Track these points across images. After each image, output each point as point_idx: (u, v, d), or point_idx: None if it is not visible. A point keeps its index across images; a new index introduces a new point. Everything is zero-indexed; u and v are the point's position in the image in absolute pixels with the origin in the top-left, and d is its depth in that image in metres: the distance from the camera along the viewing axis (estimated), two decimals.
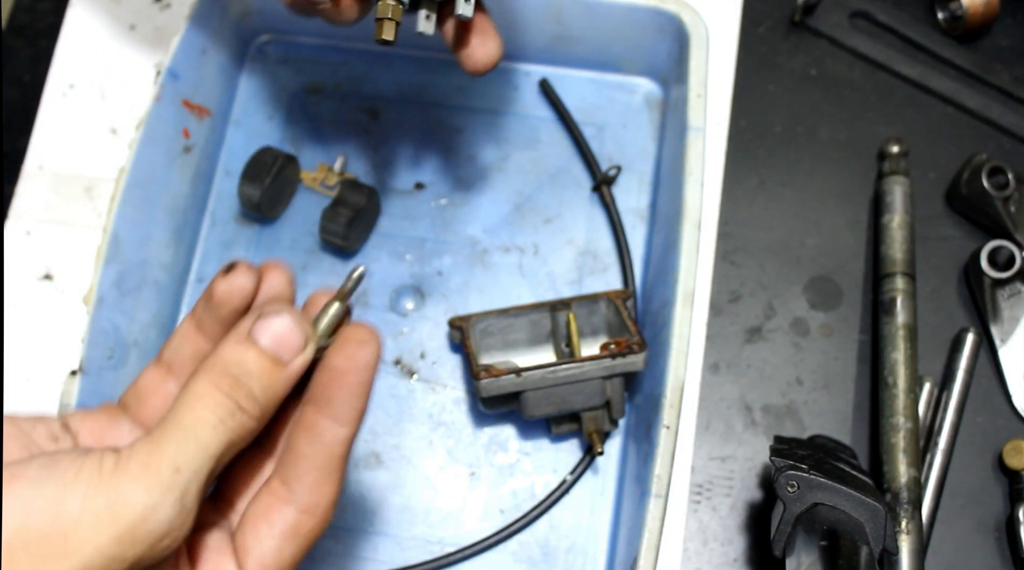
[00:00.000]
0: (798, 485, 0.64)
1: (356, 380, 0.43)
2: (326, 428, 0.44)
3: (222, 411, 0.41)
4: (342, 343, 0.44)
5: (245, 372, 0.42)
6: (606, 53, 0.85)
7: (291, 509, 0.45)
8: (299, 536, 0.46)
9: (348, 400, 0.44)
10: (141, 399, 0.47)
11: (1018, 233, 0.81)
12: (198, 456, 0.40)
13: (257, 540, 0.45)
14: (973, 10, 0.87)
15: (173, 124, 0.79)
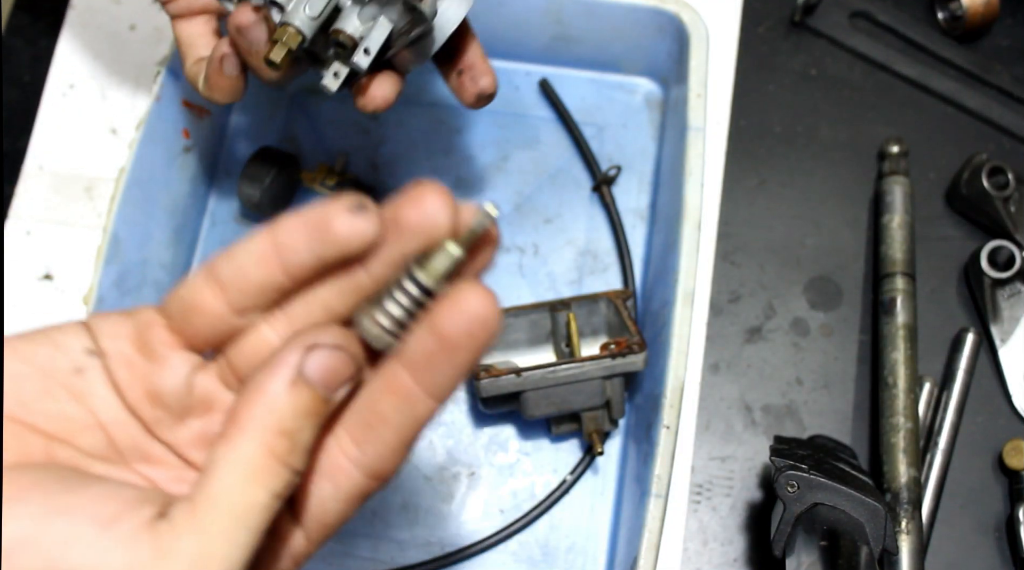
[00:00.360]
0: (798, 485, 0.64)
1: (467, 358, 0.37)
2: (419, 399, 0.38)
3: (279, 485, 0.36)
4: (462, 311, 0.37)
5: (299, 423, 0.37)
6: (606, 53, 0.85)
7: (359, 473, 0.40)
8: (360, 499, 0.41)
9: (451, 376, 0.38)
10: (185, 315, 0.40)
11: (1018, 233, 0.81)
12: (249, 547, 0.36)
13: (320, 500, 0.40)
14: (973, 10, 0.87)
15: (173, 124, 0.79)
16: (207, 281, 0.39)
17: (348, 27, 0.59)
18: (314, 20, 0.58)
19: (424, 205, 0.37)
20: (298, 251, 0.38)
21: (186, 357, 0.41)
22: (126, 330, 0.40)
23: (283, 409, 0.36)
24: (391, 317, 0.39)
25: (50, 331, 0.39)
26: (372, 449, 0.39)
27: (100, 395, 0.39)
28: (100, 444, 0.39)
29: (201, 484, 0.36)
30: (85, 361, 0.39)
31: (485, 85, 0.65)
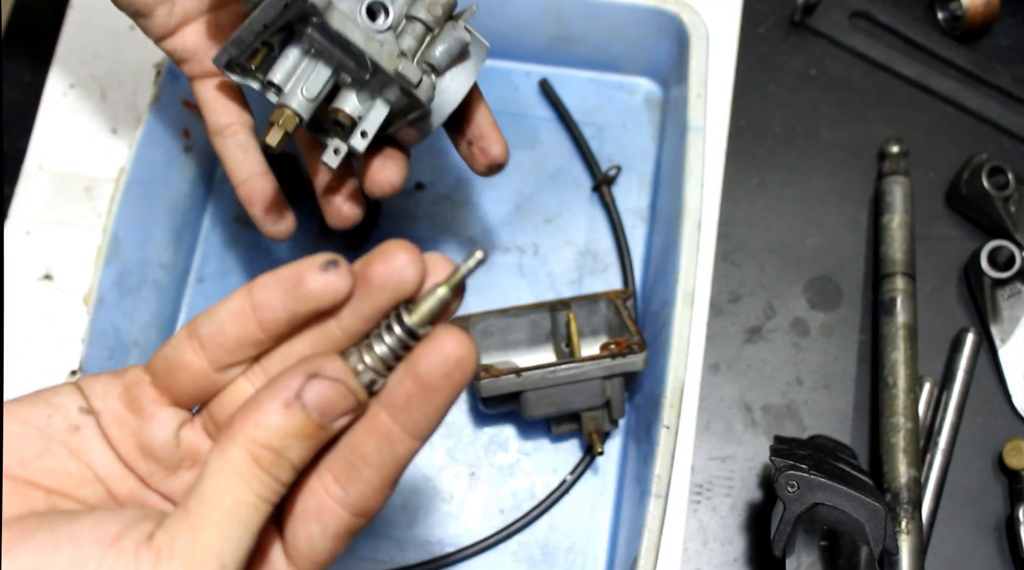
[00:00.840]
0: (798, 485, 0.64)
1: (444, 399, 0.39)
2: (399, 439, 0.40)
3: (265, 490, 0.38)
4: (438, 352, 0.39)
5: (287, 443, 0.38)
6: (606, 53, 0.85)
7: (344, 512, 0.41)
8: (348, 537, 0.43)
9: (430, 416, 0.40)
10: (170, 373, 0.42)
11: (1018, 233, 0.81)
12: (243, 542, 0.37)
13: (309, 540, 0.42)
14: (973, 10, 0.87)
15: (173, 124, 0.79)
16: (188, 340, 0.41)
17: (347, 106, 0.59)
18: (311, 102, 0.57)
19: (393, 262, 0.39)
20: (273, 308, 0.40)
21: (173, 412, 0.43)
22: (115, 389, 0.42)
23: (272, 426, 0.38)
24: (376, 356, 0.40)
25: (45, 393, 0.41)
26: (356, 489, 0.41)
27: (96, 451, 0.41)
28: (100, 496, 0.41)
29: (192, 491, 0.38)
30: (80, 419, 0.41)
31: (496, 155, 0.64)
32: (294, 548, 0.42)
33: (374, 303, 0.40)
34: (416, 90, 0.56)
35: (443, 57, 0.58)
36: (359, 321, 0.40)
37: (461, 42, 0.58)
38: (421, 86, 0.56)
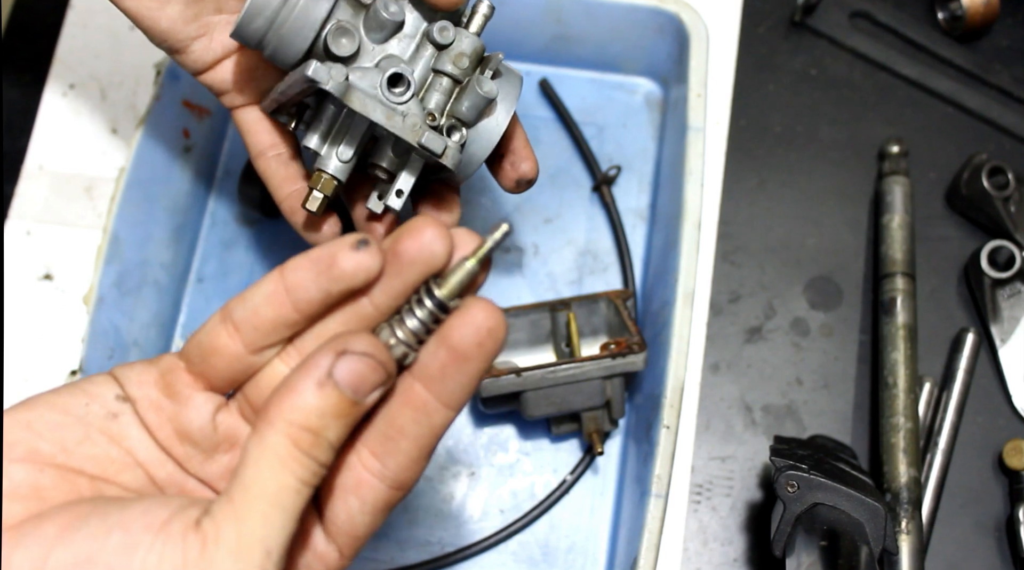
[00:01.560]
0: (798, 485, 0.64)
1: (477, 368, 0.40)
2: (435, 410, 0.41)
3: (306, 473, 0.38)
4: (469, 323, 0.39)
5: (324, 422, 0.38)
6: (606, 53, 0.85)
7: (383, 485, 0.42)
8: (387, 510, 0.44)
9: (464, 385, 0.40)
10: (205, 358, 0.42)
11: (1018, 233, 0.81)
12: (286, 528, 0.38)
13: (349, 515, 0.43)
14: (973, 10, 0.87)
15: (173, 124, 0.79)
16: (223, 324, 0.42)
17: (383, 161, 0.59)
18: (347, 163, 0.58)
19: (422, 237, 0.40)
20: (307, 288, 0.41)
21: (208, 397, 0.43)
22: (151, 376, 0.43)
23: (309, 408, 0.38)
24: (408, 330, 0.41)
25: (81, 383, 0.42)
26: (394, 461, 0.42)
27: (134, 437, 0.42)
28: (141, 481, 0.42)
29: (234, 478, 0.38)
30: (118, 407, 0.42)
31: (525, 170, 0.63)
32: (333, 525, 0.43)
33: (404, 279, 0.40)
34: (441, 158, 0.55)
35: (470, 112, 0.57)
36: (390, 297, 0.41)
37: (486, 98, 0.56)
38: (447, 153, 0.56)
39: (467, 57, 0.56)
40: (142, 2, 0.57)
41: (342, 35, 0.55)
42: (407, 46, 0.57)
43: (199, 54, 0.60)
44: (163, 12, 0.58)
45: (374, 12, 0.56)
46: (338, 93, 0.52)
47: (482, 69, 0.58)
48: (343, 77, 0.53)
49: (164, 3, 0.58)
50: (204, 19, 0.59)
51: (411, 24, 0.57)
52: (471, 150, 0.59)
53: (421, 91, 0.57)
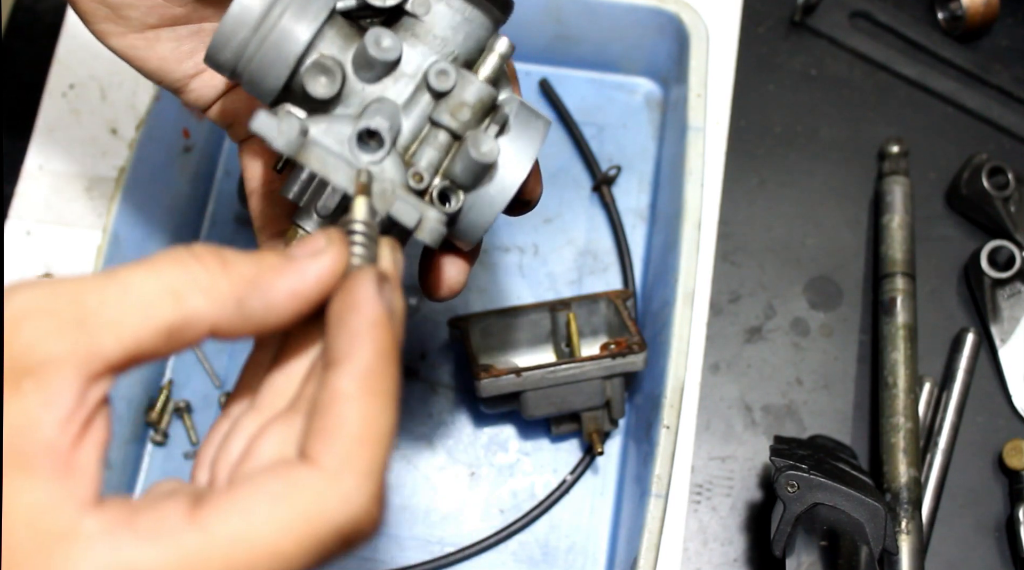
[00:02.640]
0: (798, 485, 0.64)
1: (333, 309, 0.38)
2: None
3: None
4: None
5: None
6: (606, 53, 0.85)
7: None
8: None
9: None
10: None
11: (1018, 233, 0.81)
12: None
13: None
14: (973, 10, 0.87)
15: (173, 124, 0.79)
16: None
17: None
18: (326, 218, 0.50)
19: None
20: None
21: None
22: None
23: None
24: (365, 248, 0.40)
25: None
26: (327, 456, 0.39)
27: None
28: None
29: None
30: None
31: (529, 192, 0.54)
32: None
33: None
34: (416, 233, 0.45)
35: (465, 176, 0.47)
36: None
37: (481, 163, 0.46)
38: (422, 226, 0.45)
39: (469, 108, 0.47)
40: (128, 40, 0.53)
41: (321, 73, 0.46)
42: (404, 87, 0.48)
43: (200, 91, 0.56)
44: (152, 51, 0.53)
45: (362, 48, 0.46)
46: (289, 152, 0.44)
47: (488, 122, 0.48)
48: (295, 132, 0.43)
49: (152, 42, 0.53)
50: (200, 55, 0.54)
51: (412, 61, 0.48)
52: (470, 217, 0.49)
53: (413, 144, 0.48)
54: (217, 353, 0.80)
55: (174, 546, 0.31)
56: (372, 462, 0.35)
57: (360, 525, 0.35)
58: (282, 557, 0.33)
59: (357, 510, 0.34)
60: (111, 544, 0.31)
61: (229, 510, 0.33)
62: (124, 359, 0.34)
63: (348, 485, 0.34)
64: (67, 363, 0.33)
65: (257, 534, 0.32)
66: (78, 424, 0.33)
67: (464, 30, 0.49)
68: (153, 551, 0.31)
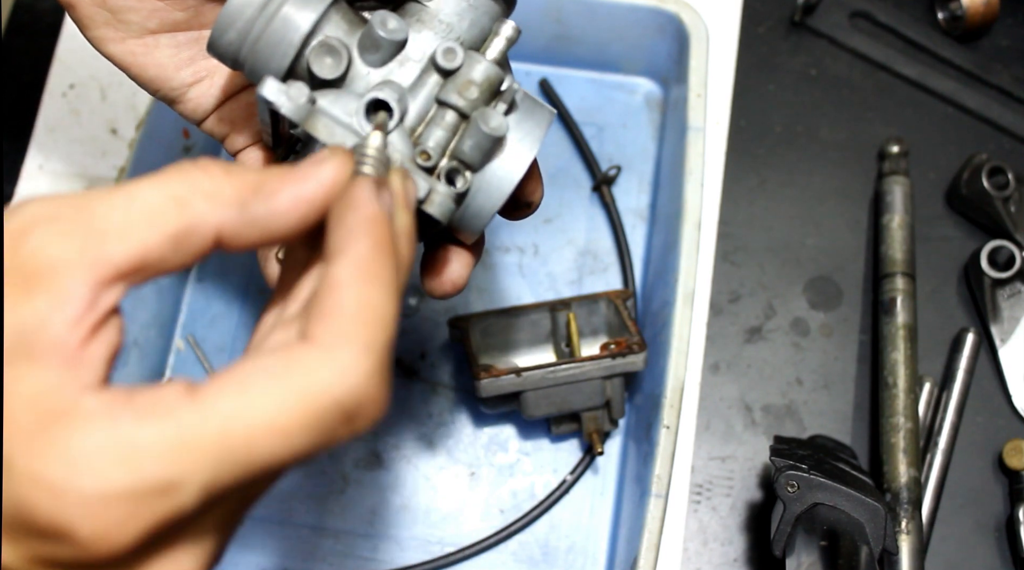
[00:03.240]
0: (798, 485, 0.64)
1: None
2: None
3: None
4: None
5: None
6: (606, 53, 0.85)
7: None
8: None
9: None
10: None
11: (1018, 233, 0.81)
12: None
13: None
14: (973, 10, 0.87)
15: (173, 124, 0.79)
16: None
17: None
18: None
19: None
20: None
21: None
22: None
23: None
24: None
25: None
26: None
27: None
28: None
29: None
30: None
31: (527, 193, 0.53)
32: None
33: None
34: (424, 206, 0.45)
35: (474, 153, 0.47)
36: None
37: (491, 136, 0.46)
38: (431, 200, 0.45)
39: (476, 87, 0.46)
40: (127, 46, 0.52)
41: (327, 54, 0.46)
42: (410, 71, 0.48)
43: (197, 101, 0.54)
44: (150, 58, 0.52)
45: (369, 29, 0.47)
46: (296, 118, 0.44)
47: (495, 102, 0.48)
48: (304, 98, 0.44)
49: (151, 48, 0.52)
50: (199, 63, 0.53)
51: (418, 46, 0.48)
52: (477, 200, 0.49)
53: (420, 126, 0.47)
54: (217, 352, 0.80)
55: (171, 423, 0.31)
56: (370, 339, 0.34)
57: (359, 400, 0.33)
58: (281, 432, 0.32)
59: (355, 383, 0.33)
60: (109, 421, 0.31)
61: (226, 389, 0.32)
62: (132, 265, 0.34)
63: (345, 358, 0.33)
64: (77, 266, 0.33)
65: (253, 409, 0.32)
66: (88, 326, 0.33)
67: (469, 17, 0.49)
68: (150, 428, 0.31)
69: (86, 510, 0.30)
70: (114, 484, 0.30)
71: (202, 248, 0.36)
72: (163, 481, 0.30)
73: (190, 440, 0.31)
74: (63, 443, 0.30)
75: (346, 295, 0.35)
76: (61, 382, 0.32)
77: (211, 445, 0.31)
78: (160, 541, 0.32)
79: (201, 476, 0.31)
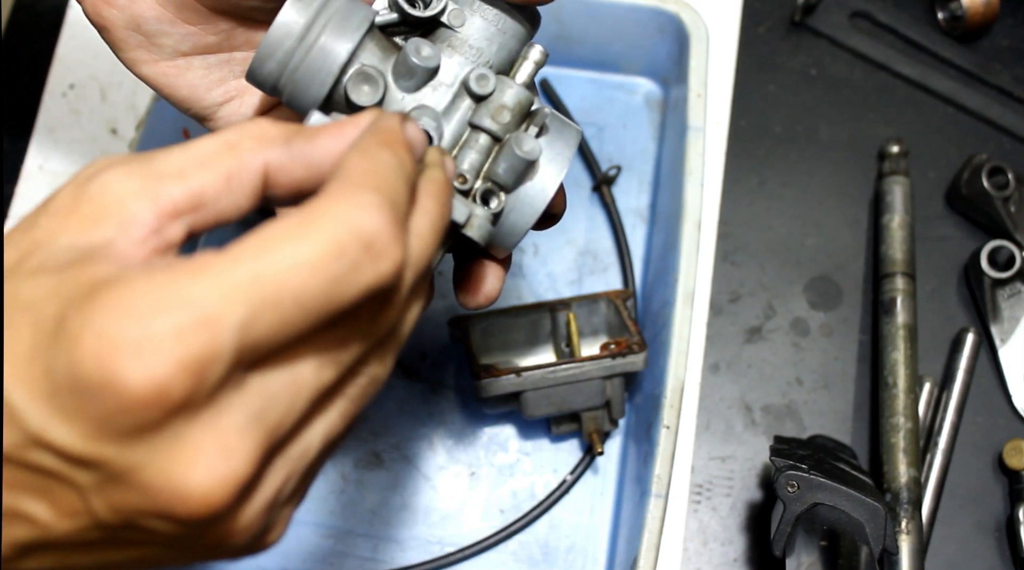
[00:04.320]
0: (798, 485, 0.64)
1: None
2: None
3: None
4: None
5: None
6: (606, 53, 0.85)
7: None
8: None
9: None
10: None
11: (1018, 233, 0.81)
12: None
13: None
14: (973, 10, 0.87)
15: (173, 124, 0.79)
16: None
17: None
18: None
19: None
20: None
21: None
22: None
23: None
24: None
25: None
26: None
27: None
28: None
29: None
30: None
31: (556, 206, 0.55)
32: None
33: None
34: (465, 229, 0.47)
35: (508, 175, 0.49)
36: None
37: (525, 160, 0.48)
38: (471, 224, 0.48)
39: (509, 111, 0.48)
40: (159, 68, 0.53)
41: (364, 82, 0.48)
42: (443, 96, 0.49)
43: (228, 119, 0.55)
44: (182, 79, 0.53)
45: (403, 57, 0.48)
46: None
47: (527, 125, 0.50)
48: None
49: (183, 70, 0.53)
50: (230, 83, 0.54)
51: (449, 71, 0.50)
52: (511, 219, 0.51)
53: (455, 149, 0.49)
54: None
55: (206, 273, 0.33)
56: (379, 184, 0.36)
57: (375, 232, 0.35)
58: (306, 265, 0.33)
59: (368, 216, 0.35)
60: (149, 278, 0.32)
61: (252, 241, 0.34)
62: (190, 202, 0.36)
63: (356, 197, 0.35)
64: (140, 196, 0.35)
65: (278, 250, 0.33)
66: (151, 248, 0.35)
67: (498, 41, 0.50)
68: (186, 278, 0.32)
69: (130, 352, 0.31)
70: (154, 323, 0.31)
71: (253, 185, 0.38)
72: (201, 316, 0.31)
73: (223, 282, 0.32)
74: (108, 299, 0.32)
75: (353, 159, 0.37)
76: (119, 268, 0.34)
77: (243, 284, 0.32)
78: (205, 401, 0.33)
79: (238, 311, 0.32)
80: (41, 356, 0.32)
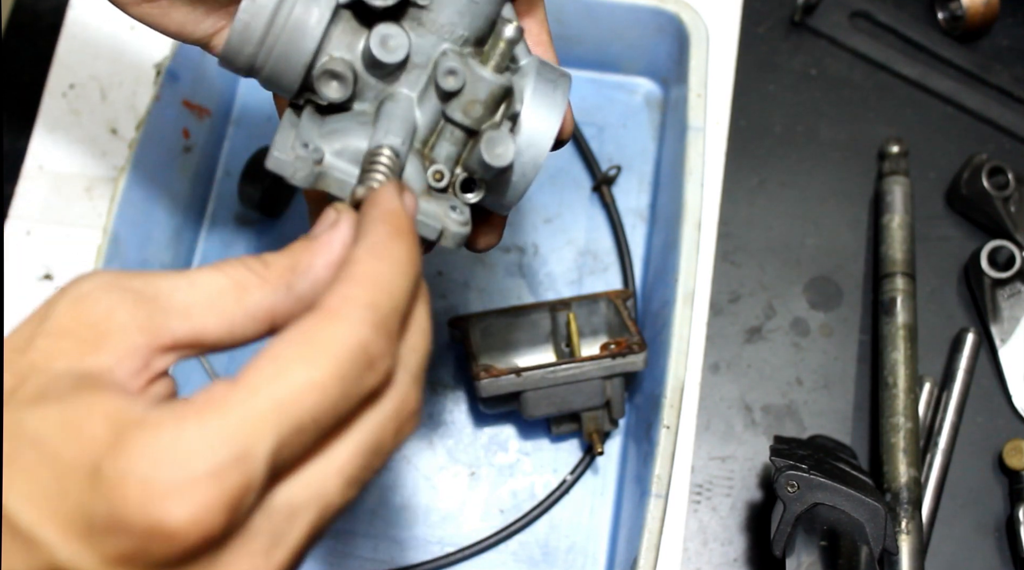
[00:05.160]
0: (798, 485, 0.64)
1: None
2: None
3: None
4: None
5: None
6: (606, 53, 0.85)
7: None
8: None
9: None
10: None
11: (1018, 233, 0.81)
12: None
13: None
14: (973, 10, 0.87)
15: (173, 124, 0.79)
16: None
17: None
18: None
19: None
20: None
21: None
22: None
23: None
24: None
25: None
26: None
27: None
28: None
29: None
30: None
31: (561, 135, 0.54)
32: None
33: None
34: (440, 243, 0.47)
35: (485, 172, 0.48)
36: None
37: (494, 168, 0.46)
38: (445, 236, 0.47)
39: (481, 104, 0.47)
40: (143, 9, 0.55)
41: (331, 78, 0.47)
42: (417, 78, 0.48)
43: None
44: (168, 17, 0.55)
45: (367, 51, 0.47)
46: (307, 185, 0.46)
47: (502, 115, 0.48)
48: (309, 167, 0.45)
49: (166, 9, 0.55)
50: (217, 13, 0.55)
51: (422, 51, 0.47)
52: (524, 156, 0.50)
53: (431, 137, 0.48)
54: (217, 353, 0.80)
55: (229, 409, 0.34)
56: (371, 299, 0.37)
57: (370, 349, 0.36)
58: (317, 386, 0.35)
59: (362, 335, 0.36)
60: (177, 423, 0.33)
61: (263, 368, 0.35)
62: (190, 340, 0.38)
63: (349, 314, 0.37)
64: (143, 330, 0.36)
65: (290, 375, 0.35)
66: (144, 380, 0.37)
67: (471, 11, 0.48)
68: (214, 418, 0.34)
69: (175, 497, 0.32)
70: (191, 466, 0.32)
71: (255, 331, 0.40)
72: (237, 453, 0.33)
73: (248, 414, 0.34)
74: (142, 445, 0.33)
75: (356, 269, 0.38)
76: (129, 404, 0.35)
77: (267, 413, 0.34)
78: (237, 529, 0.34)
79: (267, 440, 0.34)
80: (71, 497, 0.33)
